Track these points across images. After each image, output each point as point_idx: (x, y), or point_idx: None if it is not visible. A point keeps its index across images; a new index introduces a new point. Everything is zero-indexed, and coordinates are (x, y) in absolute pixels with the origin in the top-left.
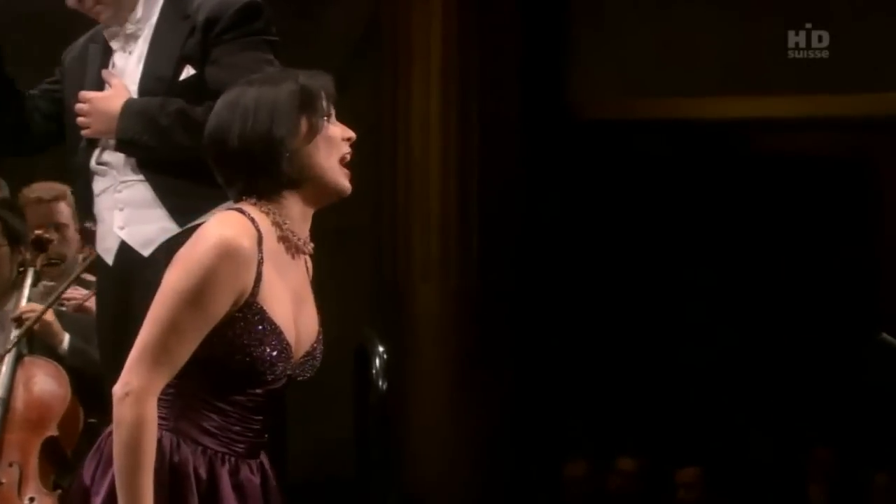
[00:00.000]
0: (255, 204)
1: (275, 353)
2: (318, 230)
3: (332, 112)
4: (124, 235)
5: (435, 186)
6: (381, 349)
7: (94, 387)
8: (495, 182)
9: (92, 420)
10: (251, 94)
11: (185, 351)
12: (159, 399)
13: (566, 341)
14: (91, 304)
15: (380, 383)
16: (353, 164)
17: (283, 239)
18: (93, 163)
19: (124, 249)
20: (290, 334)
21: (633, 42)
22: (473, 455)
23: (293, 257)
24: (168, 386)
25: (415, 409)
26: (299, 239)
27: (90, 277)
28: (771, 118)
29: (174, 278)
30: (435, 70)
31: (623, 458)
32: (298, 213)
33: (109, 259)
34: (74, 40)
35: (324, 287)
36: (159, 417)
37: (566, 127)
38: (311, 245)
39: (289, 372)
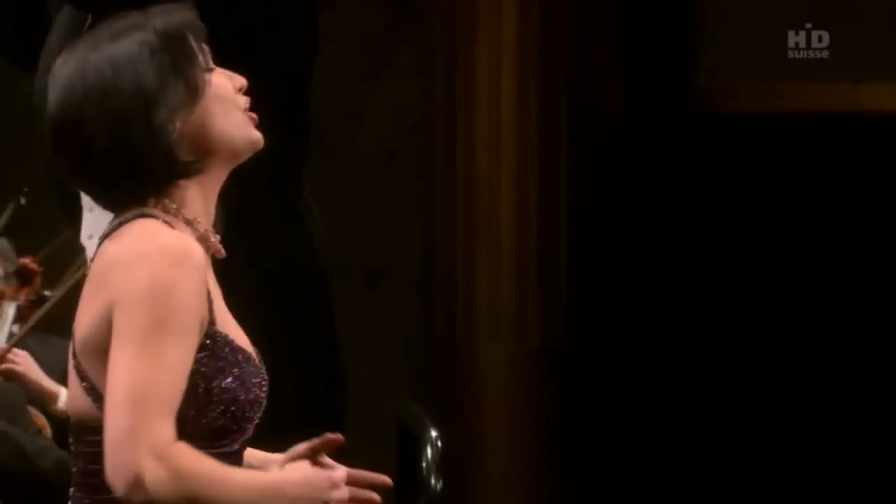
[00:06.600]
0: (156, 205)
1: (258, 390)
2: (347, 268)
3: (209, 56)
4: (91, 248)
5: (507, 207)
6: (433, 434)
7: (20, 484)
8: (592, 200)
9: None
10: (97, 70)
11: (179, 388)
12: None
13: (689, 419)
14: (27, 370)
15: (432, 482)
16: (393, 176)
17: (202, 240)
18: None
19: None
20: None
21: (781, 6)
22: None
23: (211, 258)
24: None
25: None
26: (213, 234)
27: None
28: None
29: (128, 319)
30: (508, 43)
31: None
32: (202, 199)
33: None
34: None
35: (354, 345)
36: None
37: (690, 122)
38: (219, 236)
39: None
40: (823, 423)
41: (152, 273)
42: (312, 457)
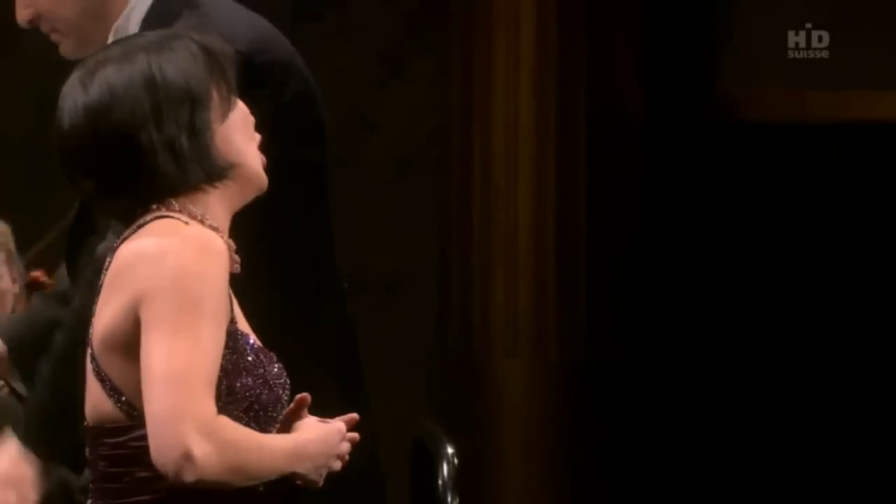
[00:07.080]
0: (181, 210)
1: (280, 390)
2: (361, 280)
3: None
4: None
5: (525, 216)
6: (449, 451)
7: None
8: (611, 209)
9: None
10: (143, 65)
11: (216, 366)
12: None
13: (710, 433)
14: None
15: (448, 499)
16: (408, 185)
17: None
18: None
19: None
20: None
21: (807, 13)
22: None
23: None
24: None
25: None
26: (232, 248)
27: None
28: None
29: (158, 307)
30: (526, 49)
31: None
32: (222, 212)
33: None
34: None
35: (368, 358)
36: None
37: (714, 130)
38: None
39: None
40: (849, 433)
41: (179, 263)
42: (294, 421)
